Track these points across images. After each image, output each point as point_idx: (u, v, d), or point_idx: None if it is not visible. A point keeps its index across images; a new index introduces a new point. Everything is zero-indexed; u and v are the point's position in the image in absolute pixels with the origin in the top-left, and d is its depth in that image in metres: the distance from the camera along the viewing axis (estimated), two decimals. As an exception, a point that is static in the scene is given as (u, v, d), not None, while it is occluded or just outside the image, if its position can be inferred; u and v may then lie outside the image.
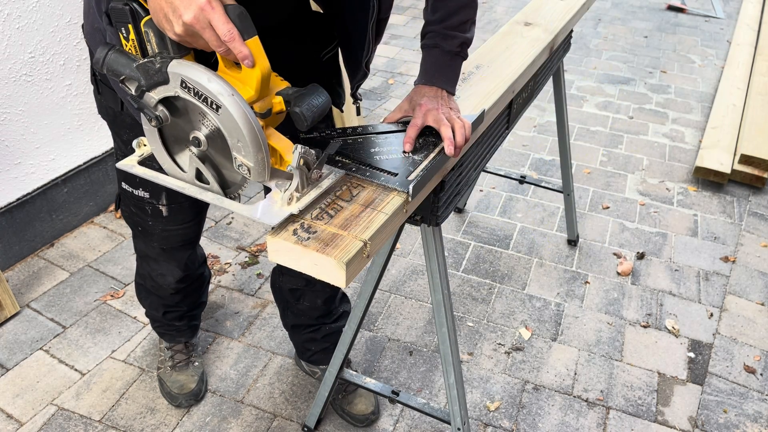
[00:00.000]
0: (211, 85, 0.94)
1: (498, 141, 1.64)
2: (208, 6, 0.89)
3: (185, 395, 1.94)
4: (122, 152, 1.49)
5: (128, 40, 1.00)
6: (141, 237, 1.66)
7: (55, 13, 2.28)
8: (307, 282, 1.76)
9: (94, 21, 1.27)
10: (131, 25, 0.98)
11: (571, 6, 2.06)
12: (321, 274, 1.03)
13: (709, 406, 2.03)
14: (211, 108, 0.96)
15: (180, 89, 0.97)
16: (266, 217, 1.01)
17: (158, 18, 0.93)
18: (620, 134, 3.55)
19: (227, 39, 0.91)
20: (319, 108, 1.03)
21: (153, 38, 0.97)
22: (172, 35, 0.94)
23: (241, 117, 0.95)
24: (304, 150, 1.01)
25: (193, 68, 0.95)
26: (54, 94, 2.37)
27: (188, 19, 0.90)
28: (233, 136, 0.97)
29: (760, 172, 3.09)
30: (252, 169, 1.00)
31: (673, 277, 2.54)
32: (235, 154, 0.99)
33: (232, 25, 0.90)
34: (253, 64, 0.94)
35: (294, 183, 1.02)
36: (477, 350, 2.18)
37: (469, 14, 1.32)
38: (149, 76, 0.98)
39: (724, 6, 5.64)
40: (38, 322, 2.21)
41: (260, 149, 0.98)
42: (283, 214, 1.02)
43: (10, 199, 2.34)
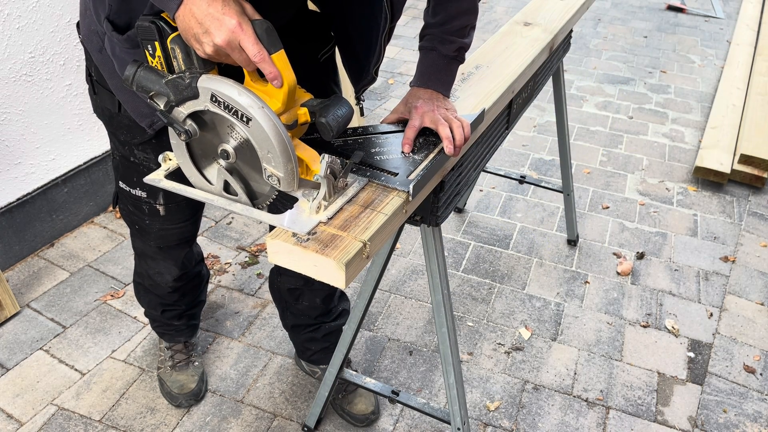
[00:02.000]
0: (242, 98, 0.96)
1: (498, 141, 1.64)
2: (239, 28, 0.91)
3: (185, 395, 1.94)
4: (119, 152, 1.49)
5: (154, 57, 1.02)
6: (138, 235, 1.67)
7: (55, 13, 2.28)
8: (306, 281, 1.76)
9: (90, 23, 1.27)
10: (158, 42, 1.00)
11: (570, 6, 2.06)
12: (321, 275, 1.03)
13: (709, 406, 2.03)
14: (241, 121, 0.97)
15: (210, 103, 0.99)
16: (296, 225, 1.03)
17: (188, 38, 0.95)
18: (620, 134, 3.55)
19: (257, 60, 0.93)
20: (344, 118, 1.05)
21: (179, 54, 0.99)
22: (202, 55, 0.96)
23: (272, 129, 0.97)
24: (331, 159, 1.03)
25: (223, 83, 0.97)
26: (54, 94, 2.37)
27: (220, 42, 0.92)
28: (263, 147, 0.99)
29: (759, 172, 3.09)
30: (282, 179, 1.02)
31: (673, 277, 2.54)
32: (265, 165, 1.01)
33: (261, 46, 0.93)
34: (282, 83, 0.97)
35: (321, 191, 1.04)
36: (477, 350, 2.19)
37: (469, 20, 1.32)
38: (179, 91, 1.00)
39: (724, 6, 5.64)
40: (38, 322, 2.21)
41: (290, 159, 1.00)
42: (312, 223, 1.03)
43: (10, 199, 2.34)
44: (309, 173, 1.06)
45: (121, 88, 1.31)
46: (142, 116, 1.32)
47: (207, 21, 0.91)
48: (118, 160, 1.51)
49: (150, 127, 1.33)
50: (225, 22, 0.91)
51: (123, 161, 1.50)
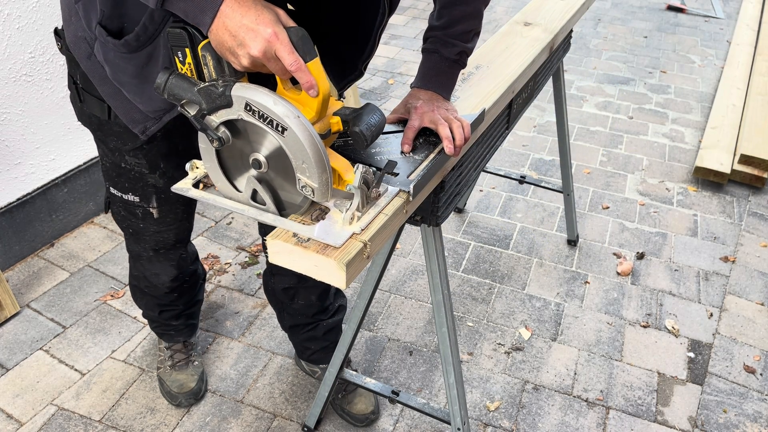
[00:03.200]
0: (277, 107, 0.94)
1: (498, 141, 1.64)
2: (275, 38, 0.90)
3: (185, 394, 1.94)
4: (109, 159, 1.48)
5: (184, 64, 1.00)
6: (133, 239, 1.66)
7: (55, 13, 2.28)
8: (299, 279, 1.76)
9: (77, 30, 1.26)
10: (188, 49, 0.98)
11: (570, 6, 2.06)
12: (321, 275, 1.03)
13: (709, 406, 2.03)
14: (276, 130, 0.96)
15: (243, 112, 0.97)
16: (329, 237, 1.01)
17: (222, 51, 0.94)
18: (620, 134, 3.56)
19: (293, 69, 0.92)
20: (377, 126, 1.04)
21: (210, 61, 0.97)
22: (238, 67, 0.95)
23: (307, 139, 0.95)
24: (365, 169, 1.02)
25: (258, 91, 0.96)
26: (54, 94, 2.37)
27: (256, 53, 0.91)
28: (298, 157, 0.98)
29: (759, 172, 3.09)
30: (316, 190, 1.00)
31: (673, 277, 2.54)
32: (299, 175, 1.00)
33: (296, 55, 0.92)
34: (317, 93, 0.95)
35: (355, 202, 1.03)
36: (477, 350, 2.19)
37: (473, 25, 1.32)
38: (211, 99, 0.98)
39: (724, 6, 5.64)
40: (38, 322, 2.21)
41: (325, 170, 0.99)
42: (346, 234, 1.02)
43: (10, 199, 2.34)
44: (341, 183, 1.05)
45: (112, 94, 1.29)
46: (134, 122, 1.31)
47: (241, 33, 0.90)
48: (108, 167, 1.50)
49: (143, 133, 1.31)
50: (260, 32, 0.90)
51: (113, 167, 1.48)
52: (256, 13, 0.91)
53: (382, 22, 1.24)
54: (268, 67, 0.94)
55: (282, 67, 0.93)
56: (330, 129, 1.04)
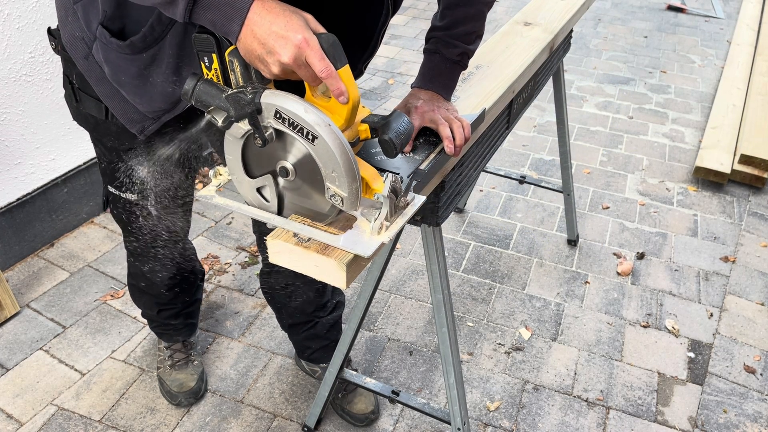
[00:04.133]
0: (308, 116, 0.92)
1: (498, 141, 1.64)
2: (305, 44, 0.88)
3: (185, 393, 1.94)
4: (106, 159, 1.48)
5: (210, 69, 0.99)
6: (131, 236, 1.67)
7: (54, 14, 2.28)
8: (296, 276, 1.76)
9: (74, 30, 1.25)
10: (215, 54, 0.97)
11: (570, 6, 2.06)
12: (322, 275, 1.03)
13: (709, 406, 2.03)
14: (306, 139, 0.94)
15: (273, 120, 0.95)
16: (357, 247, 1.00)
17: (251, 59, 0.92)
18: (620, 134, 3.55)
19: (323, 76, 0.90)
20: (406, 134, 1.02)
21: (238, 67, 0.96)
22: (267, 75, 0.93)
23: (338, 147, 0.94)
24: (395, 178, 1.00)
25: (289, 99, 0.94)
26: (54, 94, 2.37)
27: (286, 60, 0.89)
28: (328, 166, 0.96)
29: (760, 172, 3.09)
30: (345, 199, 0.99)
31: (673, 277, 2.54)
32: (329, 184, 0.98)
33: (327, 62, 0.90)
34: (348, 100, 0.94)
35: (384, 211, 1.01)
36: (477, 350, 2.19)
37: (475, 27, 1.32)
38: (240, 106, 0.96)
39: (724, 6, 5.64)
40: (38, 322, 2.20)
41: (355, 179, 0.97)
42: (375, 245, 1.00)
43: (10, 199, 2.34)
44: (368, 191, 1.03)
45: (109, 94, 1.29)
46: (132, 122, 1.30)
47: (271, 40, 0.89)
48: (106, 166, 1.51)
49: (141, 133, 1.31)
50: (290, 39, 0.88)
51: (111, 166, 1.49)
52: (285, 19, 0.89)
53: (385, 21, 1.24)
54: (298, 74, 0.92)
55: (312, 73, 0.91)
56: (358, 137, 1.03)
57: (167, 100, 1.24)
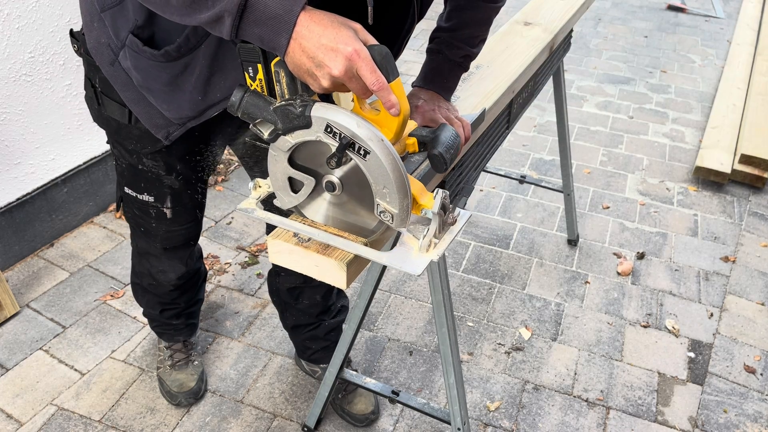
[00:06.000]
0: (361, 130, 0.90)
1: (498, 141, 1.64)
2: (356, 55, 0.86)
3: (185, 393, 1.94)
4: (126, 161, 1.48)
5: (255, 80, 0.97)
6: (144, 237, 1.67)
7: (54, 13, 2.28)
8: (305, 279, 1.76)
9: (100, 36, 1.25)
10: (261, 64, 0.95)
11: (570, 5, 2.06)
12: (322, 275, 1.03)
13: (709, 406, 2.03)
14: (357, 154, 0.92)
15: (323, 134, 0.92)
16: (407, 265, 0.98)
17: (300, 73, 0.90)
18: (620, 134, 3.55)
19: (375, 88, 0.88)
20: (456, 148, 1.00)
21: (284, 78, 0.94)
22: (316, 88, 0.91)
23: (391, 163, 0.91)
24: (445, 194, 0.98)
25: (340, 113, 0.91)
26: (54, 94, 2.37)
27: (338, 73, 0.86)
28: (379, 182, 0.94)
29: (760, 172, 3.09)
30: (396, 216, 0.96)
31: (673, 277, 2.54)
32: (378, 200, 0.96)
33: (379, 74, 0.87)
34: (399, 112, 0.91)
35: (432, 228, 0.99)
36: (477, 350, 2.18)
37: (480, 30, 1.32)
38: (288, 119, 0.94)
39: (724, 6, 5.64)
40: (38, 322, 2.20)
41: (406, 195, 0.95)
42: (424, 263, 0.98)
43: (10, 199, 2.34)
44: (416, 207, 1.00)
45: (135, 100, 1.29)
46: (157, 128, 1.31)
47: (320, 54, 0.86)
48: (124, 167, 1.51)
49: (166, 138, 1.32)
50: (340, 51, 0.85)
51: (130, 169, 1.49)
52: (334, 31, 0.86)
53: (410, 27, 1.23)
54: (348, 87, 0.90)
55: (362, 86, 0.89)
56: (407, 151, 1.01)
57: (195, 108, 1.24)
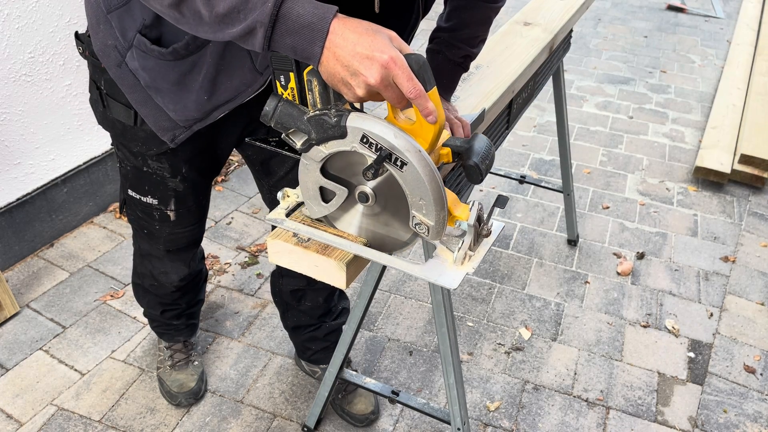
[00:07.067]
0: (399, 141, 0.88)
1: (498, 141, 1.64)
2: (392, 63, 0.84)
3: (185, 394, 1.94)
4: (130, 163, 1.48)
5: (286, 89, 0.95)
6: (147, 239, 1.66)
7: (54, 13, 2.28)
8: (308, 282, 1.76)
9: (107, 38, 1.25)
10: (293, 73, 0.93)
11: (570, 6, 2.06)
12: (321, 275, 1.03)
13: (709, 406, 2.03)
14: (394, 165, 0.90)
15: (359, 144, 0.91)
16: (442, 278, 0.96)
17: (334, 82, 0.88)
18: (620, 134, 3.55)
19: (412, 96, 0.86)
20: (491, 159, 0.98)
21: (316, 87, 0.92)
22: (350, 98, 0.89)
23: (429, 175, 0.90)
24: (480, 206, 0.97)
25: (377, 123, 0.90)
26: (54, 94, 2.37)
27: (374, 81, 0.84)
28: (416, 194, 0.92)
29: (760, 172, 3.09)
30: (431, 229, 0.94)
31: (673, 277, 2.54)
32: (414, 212, 0.94)
33: (416, 81, 0.85)
34: (436, 120, 0.89)
35: (467, 241, 0.97)
36: (477, 350, 2.18)
37: (480, 31, 1.32)
38: (323, 129, 0.92)
39: (724, 6, 5.64)
40: (38, 322, 2.20)
41: (443, 207, 0.93)
42: (460, 276, 0.97)
43: (10, 199, 2.34)
44: (450, 219, 0.98)
45: (142, 102, 1.28)
46: (163, 130, 1.31)
47: (355, 62, 0.84)
48: (129, 170, 1.50)
49: (172, 141, 1.32)
50: (377, 59, 0.84)
51: (134, 171, 1.49)
52: (369, 38, 0.85)
53: (415, 24, 1.22)
54: (383, 95, 0.88)
55: (398, 94, 0.87)
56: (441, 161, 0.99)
57: (201, 109, 1.24)
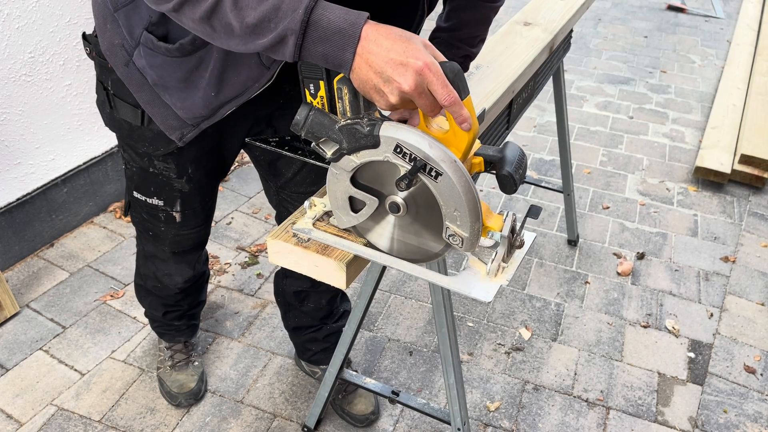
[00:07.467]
0: (434, 151, 0.87)
1: (498, 141, 1.64)
2: (427, 69, 0.83)
3: (185, 394, 1.94)
4: (136, 164, 1.47)
5: (315, 97, 0.95)
6: (152, 241, 1.66)
7: (54, 13, 2.28)
8: (312, 283, 1.76)
9: (114, 37, 1.25)
10: (323, 81, 0.93)
11: (570, 6, 2.06)
12: (321, 275, 1.03)
13: (709, 406, 2.03)
14: (428, 175, 0.88)
15: (392, 154, 0.89)
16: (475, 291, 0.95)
17: (366, 90, 0.87)
18: (620, 134, 3.55)
19: (447, 102, 0.84)
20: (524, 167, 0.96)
21: (347, 95, 0.91)
22: (383, 106, 0.87)
23: (464, 185, 0.88)
24: (514, 217, 0.95)
25: (411, 132, 0.88)
26: (54, 94, 2.37)
27: (408, 88, 0.83)
28: (450, 205, 0.90)
29: (760, 172, 3.08)
30: (466, 240, 0.92)
31: (673, 277, 2.54)
32: (448, 223, 0.92)
33: (451, 88, 0.84)
34: (470, 128, 0.88)
35: (501, 252, 0.95)
36: (477, 350, 2.18)
37: (479, 30, 1.32)
38: (355, 139, 0.91)
39: (724, 6, 5.64)
40: (38, 322, 2.20)
41: (478, 218, 0.91)
42: (494, 288, 0.95)
43: (10, 199, 2.34)
44: (483, 230, 0.96)
45: (150, 101, 1.28)
46: (171, 129, 1.30)
47: (388, 69, 0.83)
48: (134, 171, 1.50)
49: (180, 140, 1.32)
50: (410, 65, 0.82)
51: (140, 172, 1.49)
52: (403, 44, 0.83)
53: (420, 22, 1.22)
54: (417, 103, 0.86)
55: (432, 102, 0.85)
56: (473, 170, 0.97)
57: (208, 106, 1.24)
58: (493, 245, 0.96)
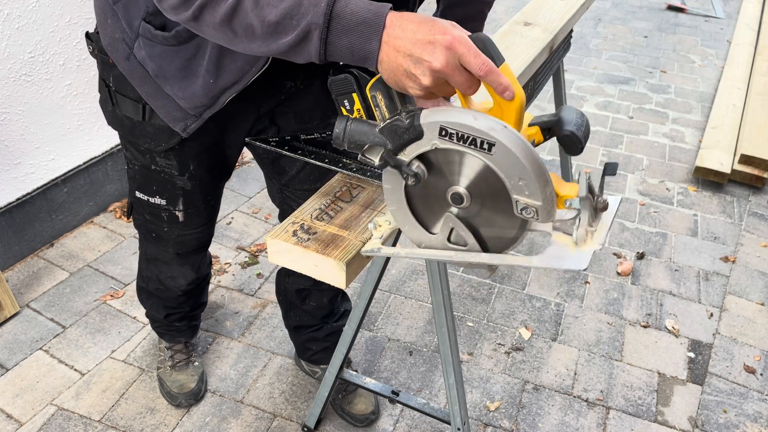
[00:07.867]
0: (479, 122, 0.82)
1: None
2: (456, 42, 0.80)
3: (185, 395, 1.94)
4: (138, 162, 1.47)
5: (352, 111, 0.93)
6: (154, 242, 1.65)
7: (54, 13, 2.28)
8: (314, 282, 1.76)
9: (114, 32, 1.26)
10: (356, 93, 0.92)
11: (570, 6, 2.06)
12: (321, 275, 1.03)
13: (709, 406, 2.03)
14: (481, 150, 0.84)
15: (439, 139, 0.86)
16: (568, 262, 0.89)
17: (397, 78, 0.85)
18: (620, 134, 3.55)
19: (483, 72, 0.80)
20: (587, 126, 0.90)
21: (382, 101, 0.89)
22: (417, 91, 0.84)
23: (522, 149, 0.82)
24: (589, 176, 0.87)
25: (451, 111, 0.84)
26: (54, 94, 2.37)
27: (439, 65, 0.80)
28: (513, 174, 0.85)
29: (760, 172, 3.08)
30: (540, 209, 0.87)
31: (673, 277, 2.54)
32: (516, 196, 0.87)
33: (485, 57, 0.80)
34: (513, 95, 0.83)
35: (585, 215, 0.89)
36: (477, 350, 2.18)
37: (475, 27, 1.32)
38: (398, 136, 0.88)
39: (724, 6, 5.64)
40: (38, 322, 2.20)
41: (548, 182, 0.85)
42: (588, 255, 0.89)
43: (10, 199, 2.34)
44: (558, 201, 0.90)
45: (152, 94, 1.28)
46: (175, 121, 1.30)
47: (417, 49, 0.81)
48: (137, 170, 1.49)
49: (183, 131, 1.31)
50: (439, 41, 0.80)
51: (142, 170, 1.48)
52: (427, 25, 0.82)
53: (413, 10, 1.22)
54: (451, 82, 0.83)
55: (467, 77, 0.82)
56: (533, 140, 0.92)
57: (208, 95, 1.24)
58: (574, 216, 0.90)
